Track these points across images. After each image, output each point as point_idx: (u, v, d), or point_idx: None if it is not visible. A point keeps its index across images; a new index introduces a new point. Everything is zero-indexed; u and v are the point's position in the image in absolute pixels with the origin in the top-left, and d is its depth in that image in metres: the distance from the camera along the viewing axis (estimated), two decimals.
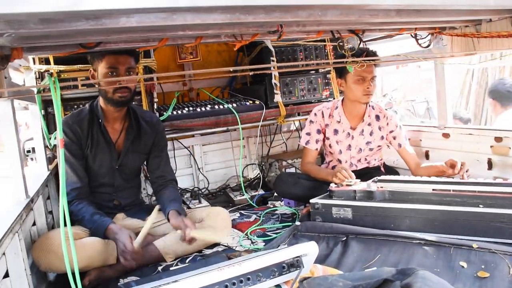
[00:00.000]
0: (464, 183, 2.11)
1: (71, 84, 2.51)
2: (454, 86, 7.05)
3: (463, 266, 1.68)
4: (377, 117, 2.79)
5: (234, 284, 1.43)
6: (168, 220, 2.22)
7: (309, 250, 1.54)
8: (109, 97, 2.18)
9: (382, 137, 2.80)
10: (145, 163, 2.55)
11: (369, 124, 2.78)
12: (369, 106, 2.77)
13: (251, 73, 3.10)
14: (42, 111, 2.61)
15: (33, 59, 2.56)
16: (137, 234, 2.26)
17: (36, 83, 2.59)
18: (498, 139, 2.52)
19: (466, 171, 2.36)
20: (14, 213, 1.67)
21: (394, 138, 2.78)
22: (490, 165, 2.59)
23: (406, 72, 9.98)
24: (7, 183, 2.04)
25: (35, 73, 2.58)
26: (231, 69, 1.72)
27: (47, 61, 2.60)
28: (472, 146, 2.69)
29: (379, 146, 2.83)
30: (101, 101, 2.26)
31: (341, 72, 2.68)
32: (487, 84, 6.41)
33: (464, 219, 1.90)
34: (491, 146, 2.57)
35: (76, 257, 1.38)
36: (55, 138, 2.62)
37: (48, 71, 2.57)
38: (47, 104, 2.69)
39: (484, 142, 2.61)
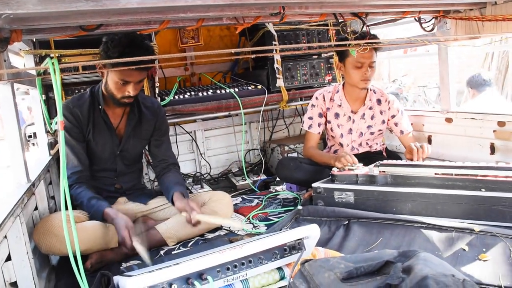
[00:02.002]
0: (466, 167, 2.10)
1: (71, 67, 2.48)
2: (472, 72, 6.89)
3: (464, 249, 1.68)
4: (379, 101, 2.78)
5: (235, 266, 1.43)
6: (173, 203, 2.22)
7: (310, 232, 1.54)
8: (115, 99, 2.18)
9: (383, 121, 2.79)
10: (146, 148, 2.55)
11: (370, 108, 2.77)
12: (371, 90, 2.76)
13: (252, 56, 3.07)
14: (43, 96, 2.60)
15: (33, 43, 2.54)
16: (135, 220, 2.26)
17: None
18: (501, 124, 2.50)
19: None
20: (15, 197, 1.67)
21: (396, 124, 2.77)
22: (492, 149, 2.58)
23: (414, 57, 9.79)
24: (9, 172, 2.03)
25: (35, 57, 2.56)
26: (232, 50, 1.70)
27: (48, 47, 2.58)
28: (475, 131, 2.67)
29: (380, 130, 2.82)
30: (103, 90, 2.23)
31: (341, 56, 2.66)
32: (507, 69, 6.25)
33: (466, 202, 1.90)
34: (494, 131, 2.55)
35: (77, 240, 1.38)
36: (56, 123, 2.61)
37: (49, 55, 2.55)
38: (48, 89, 2.67)
39: (487, 127, 2.60)
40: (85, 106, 2.23)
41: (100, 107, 2.24)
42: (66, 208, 1.29)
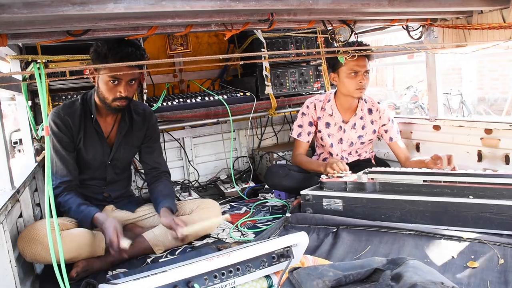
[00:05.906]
0: (454, 174, 2.11)
1: (58, 71, 2.44)
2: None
3: (453, 257, 1.68)
4: (370, 111, 2.78)
5: (223, 274, 1.42)
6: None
7: (299, 240, 1.53)
8: (107, 104, 2.13)
9: (374, 131, 2.79)
10: (137, 155, 2.52)
11: (361, 118, 2.77)
12: (362, 99, 2.76)
13: (241, 63, 3.07)
14: (30, 101, 2.56)
15: (20, 49, 2.50)
16: (125, 226, 2.23)
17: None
18: (488, 131, 2.52)
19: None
20: None
21: (386, 131, 2.77)
22: (480, 157, 2.60)
23: (421, 62, 9.37)
24: None
25: (21, 62, 2.52)
26: (220, 56, 1.70)
27: (35, 52, 2.54)
28: (463, 138, 2.69)
29: (370, 140, 2.83)
30: (96, 98, 2.20)
31: (334, 66, 2.65)
32: None
33: (454, 209, 1.91)
34: (481, 138, 2.57)
35: (62, 248, 1.35)
36: (42, 130, 2.57)
37: (36, 60, 2.51)
38: (34, 94, 2.64)
39: (474, 134, 2.62)
40: (77, 114, 2.19)
41: (92, 116, 2.21)
42: (51, 216, 1.26)
